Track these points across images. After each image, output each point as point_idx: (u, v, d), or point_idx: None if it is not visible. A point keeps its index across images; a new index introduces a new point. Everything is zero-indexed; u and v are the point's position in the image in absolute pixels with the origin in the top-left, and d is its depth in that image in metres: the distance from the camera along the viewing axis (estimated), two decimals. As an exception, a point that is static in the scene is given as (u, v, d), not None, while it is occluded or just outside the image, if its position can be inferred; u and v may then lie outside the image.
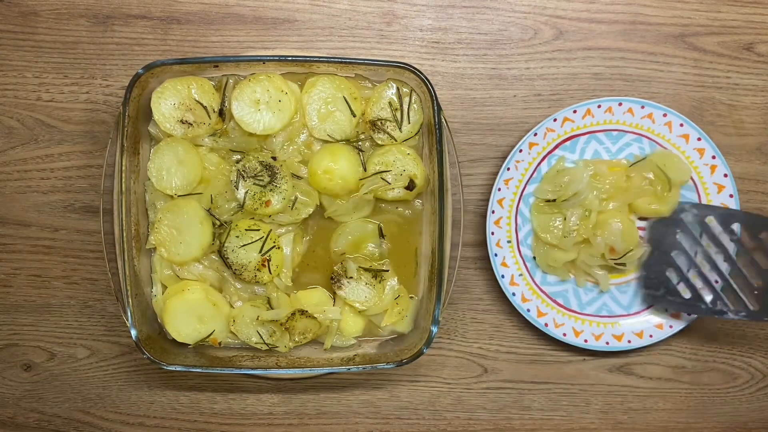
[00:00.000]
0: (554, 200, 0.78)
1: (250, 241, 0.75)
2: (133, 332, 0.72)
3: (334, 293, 0.77)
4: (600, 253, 0.79)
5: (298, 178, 0.77)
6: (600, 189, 0.78)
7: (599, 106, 0.77)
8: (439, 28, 0.81)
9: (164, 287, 0.77)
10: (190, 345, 0.76)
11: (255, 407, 0.84)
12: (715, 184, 0.78)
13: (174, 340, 0.76)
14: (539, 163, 0.79)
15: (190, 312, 0.75)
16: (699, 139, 0.77)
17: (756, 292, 0.75)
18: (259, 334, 0.76)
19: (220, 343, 0.77)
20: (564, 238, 0.78)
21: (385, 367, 0.73)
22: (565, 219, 0.78)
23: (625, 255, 0.78)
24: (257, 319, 0.75)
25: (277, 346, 0.77)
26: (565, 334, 0.80)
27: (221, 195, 0.76)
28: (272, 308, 0.78)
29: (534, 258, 0.80)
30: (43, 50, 0.80)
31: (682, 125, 0.77)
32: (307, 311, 0.76)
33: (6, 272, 0.83)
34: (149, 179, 0.75)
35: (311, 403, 0.84)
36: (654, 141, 0.79)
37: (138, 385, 0.84)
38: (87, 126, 0.81)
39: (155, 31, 0.80)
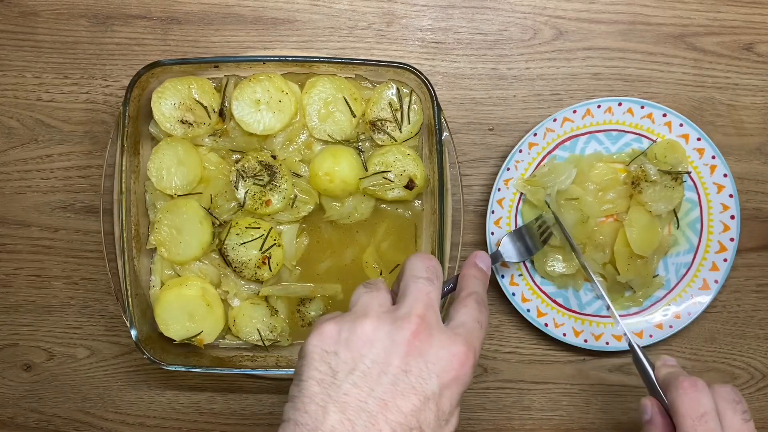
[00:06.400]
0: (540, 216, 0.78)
1: (250, 239, 0.75)
2: (133, 332, 0.72)
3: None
4: (602, 261, 0.79)
5: (298, 176, 0.77)
6: (595, 182, 0.78)
7: (599, 107, 0.77)
8: (438, 29, 0.81)
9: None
10: (175, 341, 0.76)
11: (255, 407, 0.84)
12: (715, 184, 0.78)
13: (173, 340, 0.76)
14: (539, 163, 0.79)
15: (183, 308, 0.75)
16: (699, 139, 0.77)
17: None
18: (259, 333, 0.76)
19: (204, 346, 0.77)
20: (562, 248, 0.78)
21: (385, 367, 0.73)
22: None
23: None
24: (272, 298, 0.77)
25: (278, 341, 0.77)
26: (565, 334, 0.80)
27: (221, 195, 0.76)
28: (271, 307, 0.78)
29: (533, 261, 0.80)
30: (43, 50, 0.80)
31: (681, 125, 0.77)
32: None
33: (6, 272, 0.83)
34: (149, 179, 0.76)
35: (311, 403, 0.84)
36: (654, 141, 0.79)
37: (138, 385, 0.84)
38: (87, 126, 0.81)
39: (155, 31, 0.80)
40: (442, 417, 0.47)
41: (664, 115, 0.77)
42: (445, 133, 0.72)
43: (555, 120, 0.77)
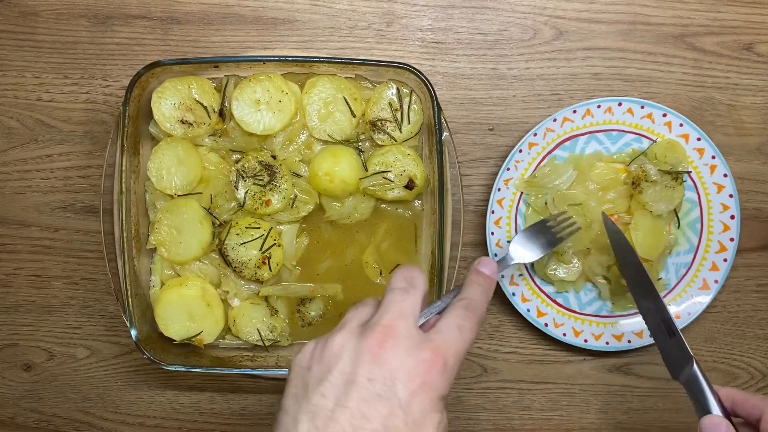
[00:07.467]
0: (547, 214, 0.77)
1: (250, 239, 0.75)
2: (133, 332, 0.72)
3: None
4: (607, 264, 0.79)
5: (298, 176, 0.77)
6: (595, 182, 0.78)
7: (599, 107, 0.77)
8: (438, 29, 0.81)
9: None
10: (175, 341, 0.76)
11: (255, 407, 0.84)
12: (715, 184, 0.78)
13: (173, 340, 0.76)
14: (539, 163, 0.79)
15: (183, 308, 0.75)
16: (699, 139, 0.77)
17: None
18: (259, 333, 0.76)
19: (204, 346, 0.77)
20: (563, 254, 0.78)
21: (385, 367, 0.73)
22: None
23: None
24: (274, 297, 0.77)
25: (278, 341, 0.77)
26: (565, 334, 0.80)
27: (221, 195, 0.76)
28: (271, 307, 0.78)
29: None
30: (43, 50, 0.80)
31: (681, 125, 0.77)
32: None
33: (6, 272, 0.83)
34: (149, 179, 0.76)
35: (311, 403, 0.84)
36: (654, 141, 0.79)
37: (138, 385, 0.84)
38: (87, 126, 0.81)
39: (155, 31, 0.80)
40: (411, 423, 0.48)
41: (664, 115, 0.77)
42: (445, 133, 0.72)
43: (555, 120, 0.77)
